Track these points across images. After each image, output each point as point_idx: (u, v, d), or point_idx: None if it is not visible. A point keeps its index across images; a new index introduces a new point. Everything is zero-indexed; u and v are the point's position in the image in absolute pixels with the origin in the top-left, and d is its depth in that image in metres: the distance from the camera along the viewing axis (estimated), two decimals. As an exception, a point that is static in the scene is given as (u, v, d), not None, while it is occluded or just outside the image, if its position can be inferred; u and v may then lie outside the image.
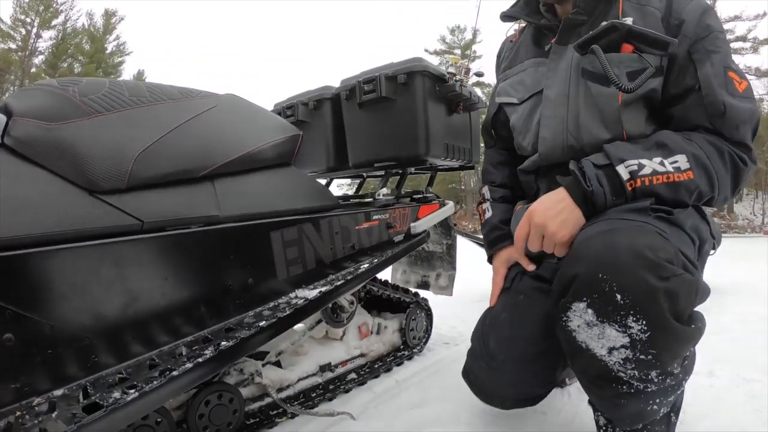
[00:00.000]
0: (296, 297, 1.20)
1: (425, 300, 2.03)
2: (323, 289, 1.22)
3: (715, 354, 1.85)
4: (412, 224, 1.65)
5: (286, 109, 1.87)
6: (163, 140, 0.98)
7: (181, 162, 1.02)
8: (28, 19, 33.74)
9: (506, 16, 1.25)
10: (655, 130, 1.01)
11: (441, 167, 1.91)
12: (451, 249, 2.10)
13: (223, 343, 0.96)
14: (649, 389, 0.80)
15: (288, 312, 1.10)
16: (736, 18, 32.88)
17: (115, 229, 0.90)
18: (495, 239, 1.33)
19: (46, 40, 34.70)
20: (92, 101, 0.90)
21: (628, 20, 0.99)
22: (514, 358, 1.10)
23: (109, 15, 39.93)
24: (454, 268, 2.13)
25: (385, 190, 1.58)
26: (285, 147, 1.29)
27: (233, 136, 1.16)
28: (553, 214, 0.92)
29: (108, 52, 39.29)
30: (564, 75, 1.09)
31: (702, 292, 0.85)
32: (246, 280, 1.11)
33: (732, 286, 3.98)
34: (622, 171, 0.89)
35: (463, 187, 47.55)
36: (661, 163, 0.89)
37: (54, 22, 34.68)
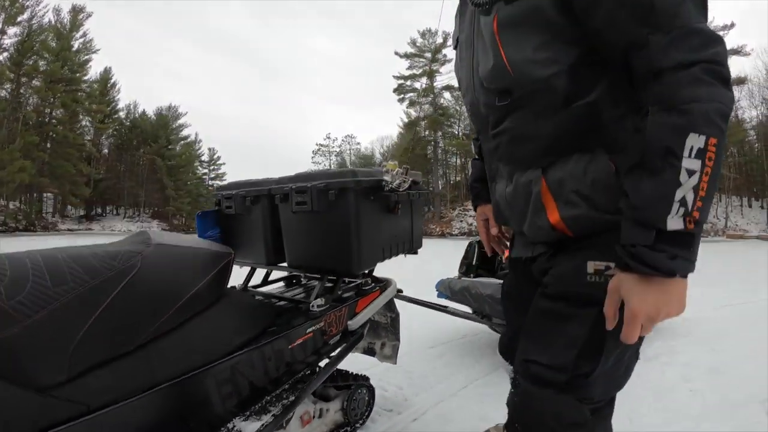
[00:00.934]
0: (234, 428, 1.29)
1: (366, 378, 2.11)
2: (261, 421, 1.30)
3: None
4: (349, 322, 1.70)
5: (226, 199, 1.88)
6: (95, 324, 1.00)
7: (116, 339, 1.05)
8: (-8, 15, 32.69)
9: None
10: (554, 56, 0.90)
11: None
12: (395, 322, 2.17)
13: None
14: None
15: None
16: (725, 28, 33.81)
17: (65, 419, 0.94)
18: (473, 197, 1.43)
19: (10, 37, 33.62)
20: (20, 305, 0.91)
21: None
22: None
23: (76, 11, 38.96)
24: (397, 339, 2.19)
25: (320, 301, 1.61)
26: (218, 277, 1.31)
27: (163, 295, 1.16)
28: (666, 305, 0.79)
29: (74, 49, 38.48)
30: (470, 16, 1.05)
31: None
32: (185, 424, 1.19)
33: (685, 322, 4.08)
34: (676, 223, 0.74)
35: (431, 189, 47.81)
36: (689, 172, 0.74)
37: (19, 19, 33.60)
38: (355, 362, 2.13)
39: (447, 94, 45.63)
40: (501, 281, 2.86)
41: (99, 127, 43.26)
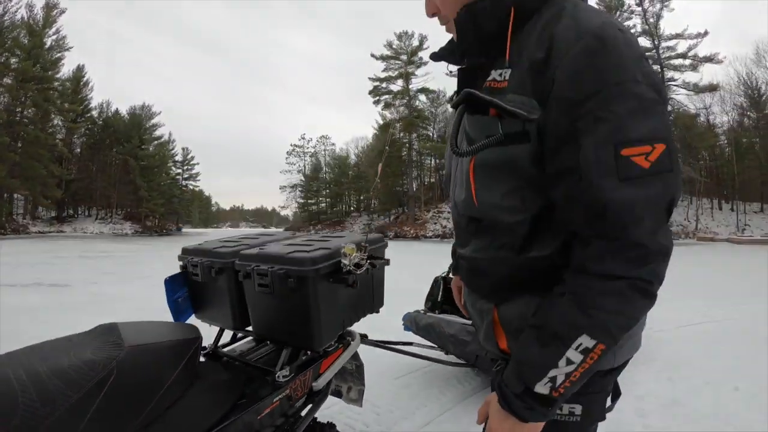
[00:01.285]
0: None
1: (333, 426, 2.19)
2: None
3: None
4: (313, 384, 1.77)
5: (193, 266, 1.91)
6: None
7: None
8: (-40, 13, 31.80)
9: (434, 56, 1.10)
10: (521, 204, 0.90)
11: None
12: (360, 369, 2.26)
13: None
14: None
15: None
16: (678, 36, 34.64)
17: None
18: (454, 267, 1.49)
19: (-20, 34, 32.77)
20: (16, 429, 0.95)
21: (508, 73, 0.86)
22: None
23: (49, 8, 38.09)
24: (363, 384, 2.28)
25: (285, 371, 1.68)
26: (189, 364, 1.35)
27: (141, 394, 1.21)
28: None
29: (47, 47, 37.66)
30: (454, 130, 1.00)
31: None
32: None
33: (646, 342, 4.21)
34: (542, 389, 0.82)
35: (405, 190, 47.94)
36: (568, 361, 0.79)
37: (-10, 15, 32.84)
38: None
39: (422, 97, 45.89)
40: (465, 321, 2.96)
41: (71, 127, 42.41)
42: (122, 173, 46.05)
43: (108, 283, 8.85)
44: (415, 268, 6.50)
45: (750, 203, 37.18)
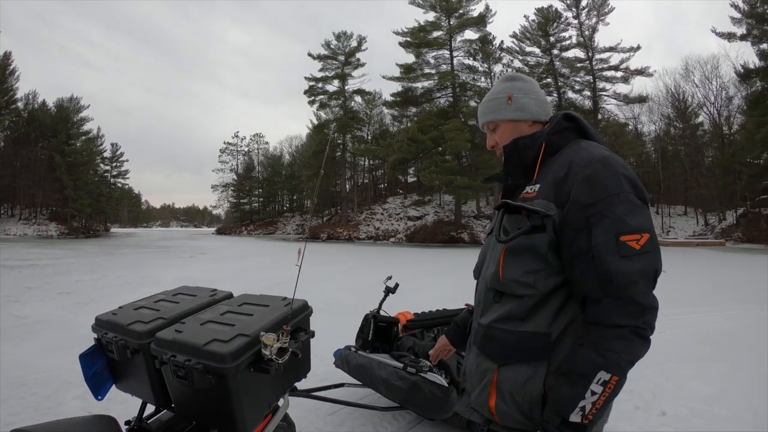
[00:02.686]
0: None
1: None
2: None
3: None
4: None
5: (107, 343, 1.82)
6: None
7: None
8: None
9: (487, 179, 1.65)
10: (534, 282, 1.20)
11: None
12: (291, 427, 2.23)
13: None
14: None
15: None
16: (612, 49, 36.39)
17: None
18: (447, 331, 1.83)
19: None
20: None
21: (537, 187, 1.24)
22: None
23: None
24: None
25: (208, 456, 1.63)
26: None
27: None
28: None
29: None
30: (498, 226, 1.34)
31: None
32: None
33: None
34: (575, 418, 1.08)
35: (338, 190, 47.92)
36: (592, 393, 1.07)
37: None
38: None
39: (358, 98, 46.01)
40: (397, 364, 2.96)
41: (-7, 120, 39.58)
42: (47, 170, 43.59)
43: (31, 301, 8.29)
44: (350, 274, 6.38)
45: (674, 206, 39.74)
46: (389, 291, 4.05)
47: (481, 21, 36.32)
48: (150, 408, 1.95)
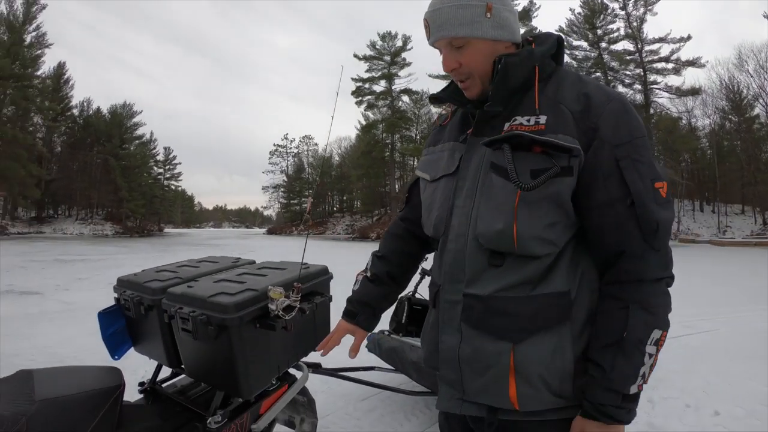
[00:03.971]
0: None
1: None
2: None
3: None
4: (252, 426, 1.68)
5: (125, 302, 1.82)
6: None
7: None
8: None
9: (434, 99, 1.23)
10: (555, 238, 1.01)
11: None
12: (311, 404, 2.17)
13: None
14: None
15: None
16: (661, 40, 35.00)
17: None
18: (347, 311, 1.43)
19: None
20: None
21: (542, 118, 1.01)
22: None
23: (29, 3, 37.38)
24: (315, 417, 2.20)
25: (217, 417, 1.58)
26: (109, 414, 1.29)
27: None
28: None
29: (26, 44, 37.14)
30: (476, 167, 1.09)
31: None
32: None
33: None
34: (635, 389, 0.98)
35: (387, 190, 47.96)
36: (649, 356, 0.98)
37: (-33, 12, 32.22)
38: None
39: (405, 98, 45.78)
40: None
41: (51, 126, 41.81)
42: (103, 173, 45.60)
43: (80, 290, 8.65)
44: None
45: (731, 205, 37.76)
46: (426, 273, 3.90)
47: (525, 15, 35.59)
48: (165, 374, 1.95)
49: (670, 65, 35.02)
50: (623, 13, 35.90)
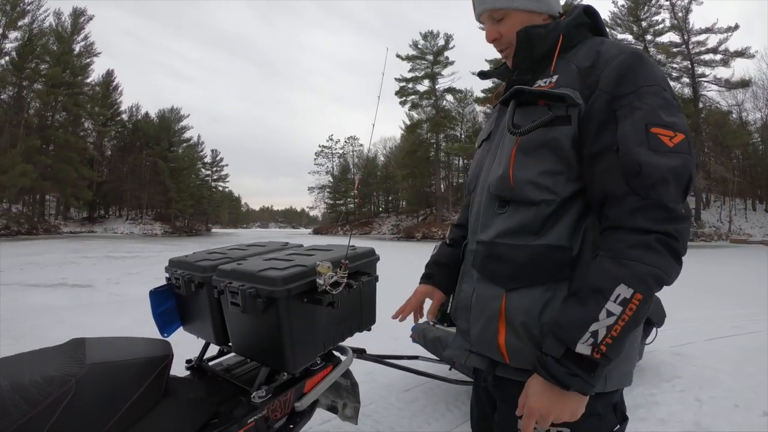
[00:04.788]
0: None
1: None
2: None
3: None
4: (296, 404, 1.70)
5: (175, 279, 1.86)
6: None
7: None
8: (-6, 20, 32.88)
9: (482, 74, 1.39)
10: (552, 185, 1.02)
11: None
12: (354, 387, 2.17)
13: None
14: None
15: None
16: (708, 30, 33.64)
17: None
18: (424, 275, 1.52)
19: (12, 41, 33.89)
20: None
21: (554, 78, 1.05)
22: None
23: (77, 15, 39.23)
24: (358, 402, 2.20)
25: (261, 392, 1.60)
26: (156, 382, 1.31)
27: (100, 412, 1.19)
28: (558, 411, 0.93)
29: (75, 53, 38.89)
30: (501, 130, 1.19)
31: None
32: None
33: (673, 359, 3.91)
34: (584, 348, 0.87)
35: (433, 190, 47.70)
36: (608, 313, 0.87)
37: (20, 23, 33.86)
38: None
39: (449, 97, 45.48)
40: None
41: (101, 130, 43.58)
42: (152, 175, 47.13)
43: (130, 284, 8.96)
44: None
45: (787, 203, 35.87)
46: None
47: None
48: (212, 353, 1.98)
49: (718, 56, 33.61)
50: (668, 3, 34.66)
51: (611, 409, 1.06)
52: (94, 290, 8.10)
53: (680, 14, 34.21)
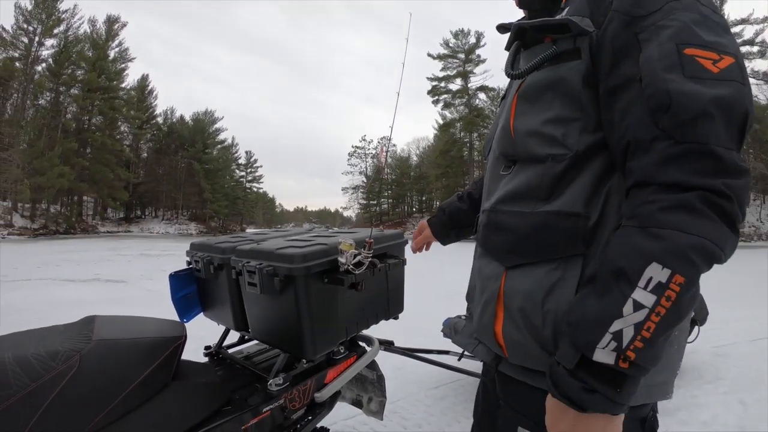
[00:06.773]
0: None
1: None
2: None
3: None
4: (316, 395, 1.61)
5: (195, 262, 1.80)
6: (36, 426, 1.01)
7: None
8: (30, 28, 34.25)
9: (501, 27, 1.10)
10: (562, 136, 0.81)
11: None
12: (380, 380, 2.08)
13: None
14: None
15: None
16: (744, 21, 32.50)
17: None
18: (432, 216, 1.62)
19: (48, 48, 35.36)
20: None
21: (565, 11, 0.84)
22: None
23: (111, 22, 40.52)
24: (384, 396, 2.10)
25: (278, 379, 1.51)
26: (166, 363, 1.25)
27: (103, 390, 1.14)
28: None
29: (110, 59, 40.16)
30: (515, 87, 0.98)
31: None
32: None
33: (716, 359, 3.75)
34: (604, 356, 0.64)
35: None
36: (636, 305, 0.62)
37: (56, 30, 35.39)
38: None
39: (482, 95, 45.13)
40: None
41: (137, 133, 44.82)
42: (187, 176, 48.17)
43: (163, 280, 9.08)
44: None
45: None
46: None
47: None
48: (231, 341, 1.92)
49: (755, 48, 32.43)
50: (704, -6, 33.56)
51: (639, 426, 0.82)
52: (127, 285, 8.27)
53: (716, 3, 33.09)
